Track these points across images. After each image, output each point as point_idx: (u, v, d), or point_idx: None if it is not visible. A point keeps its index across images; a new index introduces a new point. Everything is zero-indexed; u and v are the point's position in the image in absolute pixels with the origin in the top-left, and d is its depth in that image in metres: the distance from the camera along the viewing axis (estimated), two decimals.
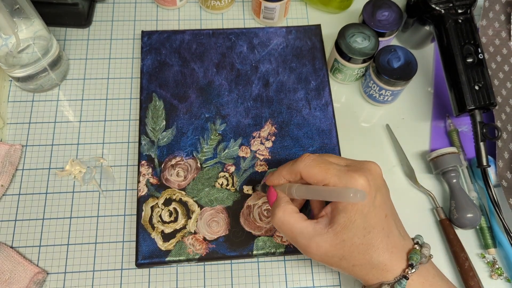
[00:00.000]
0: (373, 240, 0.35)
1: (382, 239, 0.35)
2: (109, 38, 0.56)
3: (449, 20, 0.49)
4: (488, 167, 0.48)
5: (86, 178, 0.49)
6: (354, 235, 0.35)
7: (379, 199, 0.36)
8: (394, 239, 0.36)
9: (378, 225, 0.35)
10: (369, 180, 0.35)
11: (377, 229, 0.35)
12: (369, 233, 0.35)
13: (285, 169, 0.39)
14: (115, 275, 0.45)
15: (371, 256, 0.35)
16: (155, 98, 0.51)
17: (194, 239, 0.45)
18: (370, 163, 0.37)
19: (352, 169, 0.35)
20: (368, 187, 0.35)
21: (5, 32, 0.44)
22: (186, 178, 0.48)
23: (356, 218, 0.35)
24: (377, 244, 0.35)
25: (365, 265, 0.36)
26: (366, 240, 0.35)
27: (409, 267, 0.35)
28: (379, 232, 0.35)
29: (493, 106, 0.47)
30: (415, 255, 0.36)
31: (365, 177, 0.35)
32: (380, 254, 0.35)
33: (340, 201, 0.35)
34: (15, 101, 0.52)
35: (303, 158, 0.38)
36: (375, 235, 0.35)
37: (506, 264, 0.48)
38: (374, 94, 0.53)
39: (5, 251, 0.45)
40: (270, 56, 0.54)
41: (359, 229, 0.35)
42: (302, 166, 0.37)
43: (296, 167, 0.38)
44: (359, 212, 0.34)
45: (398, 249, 0.36)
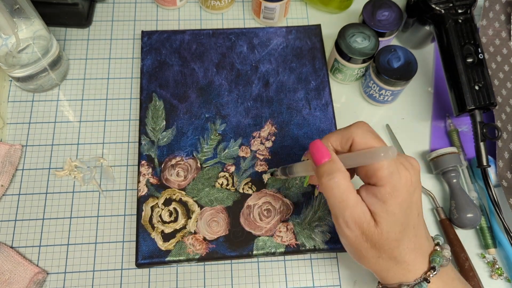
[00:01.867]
0: (405, 237, 0.34)
1: (411, 237, 0.35)
2: (109, 38, 0.56)
3: (449, 20, 0.49)
4: (488, 167, 0.48)
5: (86, 178, 0.49)
6: (391, 229, 0.34)
7: (416, 196, 0.35)
8: (421, 239, 0.36)
9: (412, 222, 0.35)
10: (411, 174, 0.34)
11: (410, 227, 0.35)
12: (404, 230, 0.34)
13: (335, 134, 0.36)
14: (115, 275, 0.45)
15: (400, 253, 0.35)
16: (155, 98, 0.51)
17: (194, 239, 0.45)
18: (412, 158, 0.36)
19: (399, 159, 0.34)
20: (410, 181, 0.34)
21: (5, 32, 0.44)
22: (186, 178, 0.48)
23: (396, 211, 0.33)
24: (407, 242, 0.35)
25: (391, 260, 0.35)
26: (399, 236, 0.34)
27: (431, 270, 0.35)
28: (411, 230, 0.35)
29: (493, 106, 0.47)
30: (438, 257, 0.35)
31: (409, 171, 0.34)
32: (407, 252, 0.35)
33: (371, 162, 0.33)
34: (15, 101, 0.52)
35: (359, 125, 0.36)
36: (407, 233, 0.35)
37: (506, 264, 0.48)
38: (374, 94, 0.53)
39: (5, 251, 0.45)
40: (270, 56, 0.54)
41: (396, 224, 0.34)
42: (359, 132, 0.35)
43: (351, 132, 0.35)
44: (399, 205, 0.33)
45: (423, 250, 0.36)
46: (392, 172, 0.33)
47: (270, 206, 0.47)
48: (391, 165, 0.33)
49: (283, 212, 0.47)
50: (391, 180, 0.33)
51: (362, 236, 0.35)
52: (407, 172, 0.34)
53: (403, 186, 0.33)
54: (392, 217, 0.34)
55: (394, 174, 0.33)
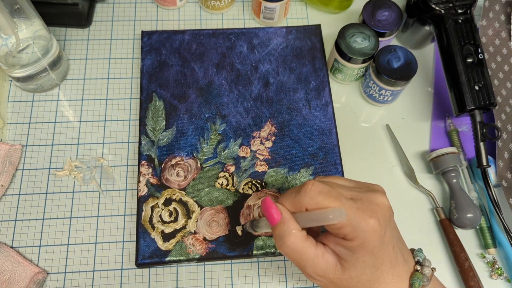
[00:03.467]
0: (380, 276, 0.35)
1: (388, 271, 0.35)
2: (109, 38, 0.56)
3: (449, 20, 0.49)
4: (488, 167, 0.48)
5: (86, 178, 0.49)
6: (362, 273, 0.34)
7: (388, 235, 0.34)
8: (399, 267, 0.35)
9: (386, 260, 0.34)
10: (379, 219, 0.33)
11: (384, 264, 0.34)
12: (377, 270, 0.34)
13: (288, 200, 0.35)
14: (115, 275, 0.45)
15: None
16: (155, 98, 0.51)
17: (194, 239, 0.45)
18: (376, 194, 0.35)
19: (360, 207, 0.33)
20: (379, 227, 0.33)
21: (5, 32, 0.44)
22: (186, 178, 0.48)
23: (365, 258, 0.33)
24: (383, 278, 0.35)
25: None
26: (373, 276, 0.34)
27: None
28: (386, 266, 0.35)
29: (493, 106, 0.47)
30: (417, 280, 0.35)
31: (375, 217, 0.33)
32: (385, 286, 0.35)
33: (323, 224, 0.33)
34: (15, 101, 0.52)
35: (306, 189, 0.34)
36: (382, 271, 0.34)
37: (506, 264, 0.48)
38: (374, 94, 0.53)
39: (5, 251, 0.45)
40: (270, 56, 0.54)
41: (367, 268, 0.34)
42: (308, 200, 0.33)
43: (301, 199, 0.34)
44: (368, 253, 0.33)
45: (402, 277, 0.35)
46: (356, 226, 0.32)
47: None
48: (353, 219, 0.32)
49: None
50: (357, 234, 0.32)
51: (331, 284, 0.35)
52: (372, 219, 0.33)
53: (371, 236, 0.33)
54: (362, 264, 0.34)
55: (358, 228, 0.32)
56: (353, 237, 0.33)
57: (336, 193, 0.34)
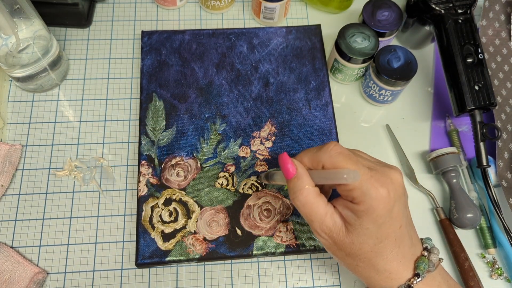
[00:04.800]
0: (383, 250, 0.35)
1: (392, 249, 0.35)
2: (109, 38, 0.56)
3: (449, 20, 0.49)
4: (488, 167, 0.48)
5: (86, 178, 0.49)
6: (364, 242, 0.34)
7: (396, 210, 0.35)
8: (405, 248, 0.36)
9: (391, 235, 0.35)
10: (389, 190, 0.34)
11: (389, 239, 0.35)
12: (380, 243, 0.35)
13: (307, 156, 0.37)
14: (115, 275, 0.45)
15: (378, 263, 0.35)
16: (155, 98, 0.51)
17: (194, 239, 0.45)
18: (392, 170, 0.35)
19: (374, 175, 0.34)
20: (388, 198, 0.34)
21: (5, 32, 0.44)
22: (186, 178, 0.48)
23: (369, 226, 0.34)
24: (386, 254, 0.35)
25: (370, 269, 0.36)
26: (376, 248, 0.35)
27: (415, 277, 0.35)
28: (390, 243, 0.35)
29: (493, 106, 0.47)
30: (422, 263, 0.35)
31: (386, 188, 0.34)
32: (387, 263, 0.35)
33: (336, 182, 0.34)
34: (15, 101, 0.52)
35: (328, 148, 0.35)
36: (385, 245, 0.35)
37: (506, 264, 0.48)
38: (374, 94, 0.53)
39: (5, 251, 0.45)
40: (270, 56, 0.54)
41: (370, 237, 0.34)
42: (327, 157, 0.35)
43: (320, 156, 0.35)
44: (373, 221, 0.34)
45: (407, 258, 0.36)
46: (365, 191, 0.33)
47: (270, 206, 0.47)
48: (364, 184, 0.33)
49: (283, 212, 0.47)
50: (364, 199, 0.33)
51: (334, 244, 0.36)
52: (384, 189, 0.34)
53: (378, 204, 0.33)
54: (365, 231, 0.34)
55: (367, 193, 0.33)
56: (360, 201, 0.33)
57: (355, 158, 0.35)
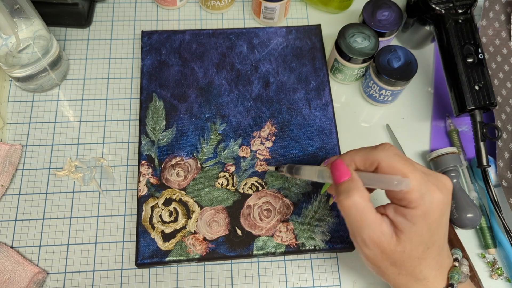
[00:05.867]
0: (429, 256, 0.35)
1: (435, 256, 0.35)
2: (109, 38, 0.56)
3: (449, 20, 0.49)
4: (488, 167, 0.48)
5: (86, 178, 0.49)
6: (415, 249, 0.34)
7: (445, 217, 0.35)
8: (444, 257, 0.36)
9: (437, 242, 0.35)
10: (444, 196, 0.34)
11: (435, 246, 0.35)
12: (428, 249, 0.34)
13: (359, 154, 0.36)
14: (115, 275, 0.45)
15: (421, 270, 0.35)
16: (155, 98, 0.51)
17: (194, 239, 0.45)
18: (444, 176, 0.35)
19: (431, 179, 0.34)
20: (443, 203, 0.33)
21: (5, 32, 0.44)
22: (186, 178, 0.48)
23: (423, 232, 0.33)
24: (429, 260, 0.35)
25: (411, 277, 0.35)
26: (423, 254, 0.34)
27: (449, 287, 0.35)
28: (435, 249, 0.35)
29: (493, 106, 0.47)
30: (456, 274, 0.35)
31: (442, 192, 0.33)
32: (429, 270, 0.35)
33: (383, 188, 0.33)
34: (15, 101, 0.52)
35: (385, 147, 0.35)
36: (432, 252, 0.35)
37: (506, 264, 0.48)
38: (374, 94, 0.53)
39: (5, 251, 0.45)
40: (270, 56, 0.54)
41: (422, 244, 0.34)
42: (384, 156, 0.34)
43: (376, 155, 0.34)
44: (428, 226, 0.33)
45: (444, 268, 0.36)
46: (424, 194, 0.33)
47: (270, 206, 0.47)
48: (423, 186, 0.33)
49: (283, 212, 0.47)
50: (422, 202, 0.33)
51: (381, 255, 0.34)
52: (440, 193, 0.33)
53: (436, 208, 0.33)
54: (418, 238, 0.33)
55: (425, 197, 0.33)
56: (418, 205, 0.32)
57: (411, 161, 0.34)
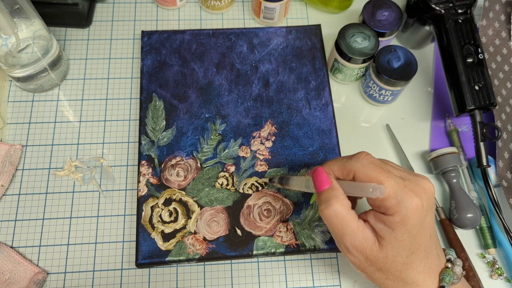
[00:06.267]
0: (414, 260, 0.35)
1: (422, 259, 0.35)
2: (109, 38, 0.56)
3: (449, 20, 0.49)
4: (488, 167, 0.48)
5: (86, 178, 0.49)
6: (398, 254, 0.34)
7: (428, 220, 0.35)
8: (432, 259, 0.36)
9: (422, 246, 0.35)
10: (423, 200, 0.34)
11: (420, 250, 0.35)
12: (412, 254, 0.34)
13: (337, 165, 0.36)
14: (115, 275, 0.45)
15: (408, 275, 0.35)
16: (155, 98, 0.51)
17: (194, 239, 0.45)
18: (424, 180, 0.35)
19: (408, 185, 0.34)
20: (421, 208, 0.34)
21: (5, 32, 0.44)
22: (186, 178, 0.48)
23: (404, 238, 0.34)
24: (416, 264, 0.35)
25: (399, 281, 0.35)
26: (408, 259, 0.34)
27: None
28: (421, 253, 0.35)
29: (493, 106, 0.47)
30: (447, 276, 0.35)
31: (420, 197, 0.34)
32: (416, 274, 0.35)
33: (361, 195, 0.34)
34: (15, 101, 0.52)
35: (360, 157, 0.35)
36: (417, 256, 0.35)
37: (506, 264, 0.48)
38: (374, 94, 0.53)
39: (5, 251, 0.45)
40: (270, 56, 0.54)
41: (404, 249, 0.34)
42: (359, 166, 0.35)
43: (352, 165, 0.35)
44: (408, 232, 0.33)
45: (433, 270, 0.36)
46: (400, 200, 0.33)
47: (270, 206, 0.47)
48: (399, 193, 0.33)
49: (283, 212, 0.47)
50: (399, 209, 0.33)
51: (366, 261, 0.35)
52: (417, 198, 0.33)
53: (413, 214, 0.33)
54: (400, 243, 0.34)
55: (402, 203, 0.33)
56: (395, 211, 0.33)
57: (386, 168, 0.34)
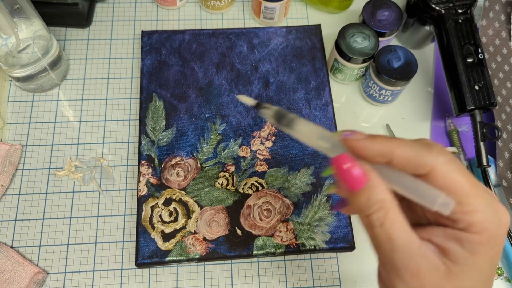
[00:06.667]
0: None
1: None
2: (109, 38, 0.56)
3: (449, 20, 0.49)
4: (488, 167, 0.48)
5: (86, 178, 0.49)
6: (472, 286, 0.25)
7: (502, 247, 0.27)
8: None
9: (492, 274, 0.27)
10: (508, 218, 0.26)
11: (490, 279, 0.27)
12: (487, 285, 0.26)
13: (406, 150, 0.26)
14: (115, 275, 0.45)
15: None
16: (155, 98, 0.51)
17: (194, 239, 0.45)
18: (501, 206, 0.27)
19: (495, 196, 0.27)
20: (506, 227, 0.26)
21: (5, 32, 0.44)
22: (186, 178, 0.48)
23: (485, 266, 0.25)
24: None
25: None
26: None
27: None
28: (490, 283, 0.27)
29: (493, 106, 0.48)
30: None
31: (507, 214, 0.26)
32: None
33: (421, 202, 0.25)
34: (15, 101, 0.52)
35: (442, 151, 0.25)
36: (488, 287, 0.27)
37: (506, 264, 0.48)
38: (374, 94, 0.53)
39: (5, 251, 0.45)
40: (270, 56, 0.54)
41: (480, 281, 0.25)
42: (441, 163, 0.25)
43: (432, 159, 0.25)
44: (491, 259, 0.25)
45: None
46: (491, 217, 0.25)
47: (270, 206, 0.47)
48: (489, 207, 0.25)
49: (283, 212, 0.47)
50: (489, 227, 0.25)
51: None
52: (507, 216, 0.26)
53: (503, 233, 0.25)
54: (478, 273, 0.25)
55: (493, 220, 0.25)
56: (481, 229, 0.25)
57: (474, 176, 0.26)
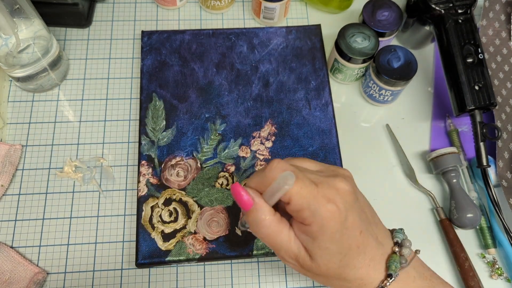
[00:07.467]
0: (349, 261, 0.34)
1: (357, 257, 0.34)
2: (109, 38, 0.56)
3: (449, 20, 0.49)
4: (488, 167, 0.48)
5: (86, 178, 0.49)
6: (329, 261, 0.33)
7: (350, 220, 0.33)
8: (372, 252, 0.34)
9: (353, 245, 0.33)
10: (338, 203, 0.32)
11: (352, 250, 0.33)
12: (345, 256, 0.33)
13: (254, 181, 0.35)
14: (115, 275, 0.45)
15: (348, 274, 0.34)
16: (155, 98, 0.51)
17: (194, 239, 0.45)
18: (337, 179, 0.34)
19: (321, 190, 0.33)
20: (338, 212, 0.32)
21: (5, 32, 0.44)
22: (186, 178, 0.48)
23: (328, 245, 0.33)
24: (353, 263, 0.34)
25: (342, 281, 0.35)
26: (342, 263, 0.34)
27: (387, 278, 0.34)
28: (355, 252, 0.34)
29: (493, 106, 0.47)
30: (394, 263, 0.34)
31: (334, 202, 0.32)
32: (357, 271, 0.34)
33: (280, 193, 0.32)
34: (15, 101, 0.52)
35: (272, 166, 0.33)
36: (351, 256, 0.34)
37: (506, 264, 0.48)
38: (374, 94, 0.53)
39: (5, 251, 0.45)
40: (270, 56, 0.54)
41: (334, 255, 0.33)
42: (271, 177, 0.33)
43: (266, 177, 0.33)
44: (330, 239, 0.32)
45: (376, 261, 0.34)
46: (314, 211, 0.32)
47: None
48: (312, 202, 0.32)
49: None
50: (315, 219, 0.32)
51: (302, 269, 0.35)
52: (331, 204, 0.32)
53: (329, 221, 0.32)
54: (326, 251, 0.33)
55: (316, 212, 0.32)
56: (311, 221, 0.32)
57: (301, 175, 0.33)
